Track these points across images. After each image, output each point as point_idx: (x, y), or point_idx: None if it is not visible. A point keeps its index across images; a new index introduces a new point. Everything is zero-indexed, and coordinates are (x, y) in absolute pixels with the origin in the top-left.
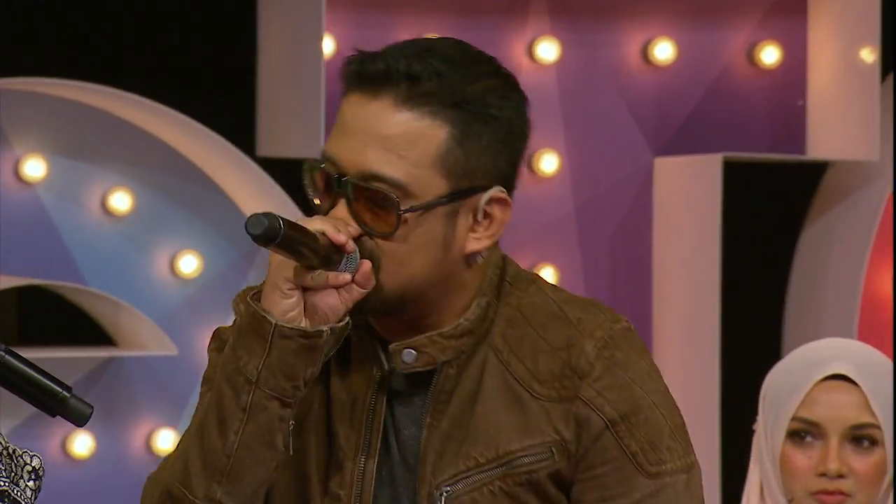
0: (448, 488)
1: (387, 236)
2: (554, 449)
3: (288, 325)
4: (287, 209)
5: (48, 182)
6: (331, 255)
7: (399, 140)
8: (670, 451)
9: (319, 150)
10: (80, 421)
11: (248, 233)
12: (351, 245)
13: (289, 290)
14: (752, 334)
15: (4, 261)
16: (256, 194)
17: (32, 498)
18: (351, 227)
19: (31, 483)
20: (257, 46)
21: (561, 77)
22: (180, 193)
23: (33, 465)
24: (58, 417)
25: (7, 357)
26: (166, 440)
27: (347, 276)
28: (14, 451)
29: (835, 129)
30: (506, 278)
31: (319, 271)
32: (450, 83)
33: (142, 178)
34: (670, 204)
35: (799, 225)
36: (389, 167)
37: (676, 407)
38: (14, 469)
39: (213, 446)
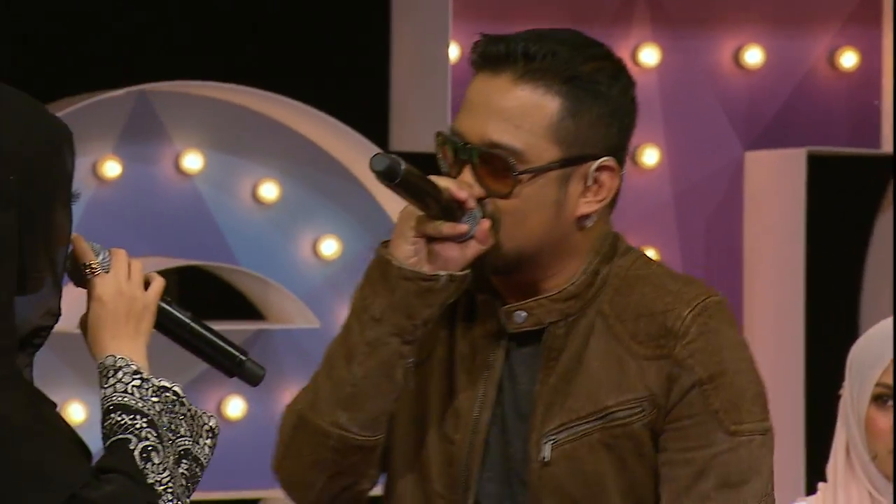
0: (553, 437)
1: (505, 196)
2: (646, 403)
3: (409, 268)
4: None
5: (205, 174)
6: (452, 209)
7: (516, 112)
8: (749, 414)
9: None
10: (254, 381)
11: (371, 170)
12: (472, 202)
13: (413, 237)
14: (833, 312)
15: (166, 244)
16: None
17: (210, 455)
18: (474, 189)
19: (208, 441)
20: (391, 53)
21: (662, 80)
22: (322, 184)
23: (210, 424)
24: (210, 384)
25: (193, 324)
26: None
27: (464, 227)
28: (195, 412)
29: None
30: (617, 251)
31: (440, 221)
32: (563, 61)
33: (288, 171)
34: (759, 193)
35: (875, 211)
36: (507, 136)
37: (760, 377)
38: (195, 429)
39: (340, 377)
